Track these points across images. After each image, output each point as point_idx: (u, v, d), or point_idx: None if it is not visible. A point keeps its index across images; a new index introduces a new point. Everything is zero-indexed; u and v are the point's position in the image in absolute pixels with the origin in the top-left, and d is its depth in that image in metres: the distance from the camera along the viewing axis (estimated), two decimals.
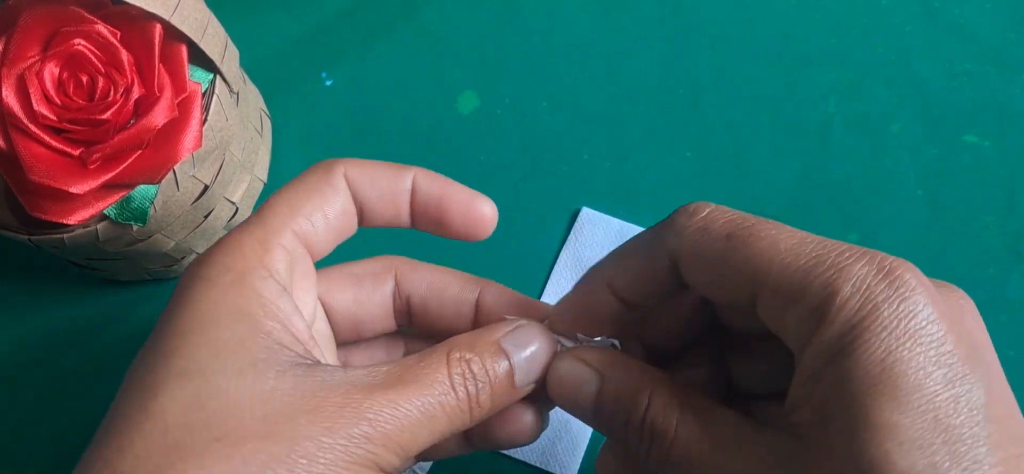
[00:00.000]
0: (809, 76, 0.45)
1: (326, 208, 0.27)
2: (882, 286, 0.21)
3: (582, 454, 0.37)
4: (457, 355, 0.25)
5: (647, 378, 0.26)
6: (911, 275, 0.21)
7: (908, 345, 0.21)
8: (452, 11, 0.48)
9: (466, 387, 0.25)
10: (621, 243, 0.29)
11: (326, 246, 0.28)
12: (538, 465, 0.37)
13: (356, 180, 0.28)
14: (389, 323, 0.31)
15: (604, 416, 0.26)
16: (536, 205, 0.43)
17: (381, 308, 0.30)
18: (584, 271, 0.29)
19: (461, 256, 0.42)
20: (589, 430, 0.38)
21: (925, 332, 0.21)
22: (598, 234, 0.41)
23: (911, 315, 0.21)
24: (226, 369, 0.22)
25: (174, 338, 0.23)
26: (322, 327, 0.29)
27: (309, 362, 0.24)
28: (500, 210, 0.42)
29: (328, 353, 0.29)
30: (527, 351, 0.27)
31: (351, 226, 0.29)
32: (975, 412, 0.21)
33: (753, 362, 0.28)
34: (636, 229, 0.41)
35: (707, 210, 0.25)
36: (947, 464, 0.20)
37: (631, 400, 0.25)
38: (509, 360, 0.26)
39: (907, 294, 0.21)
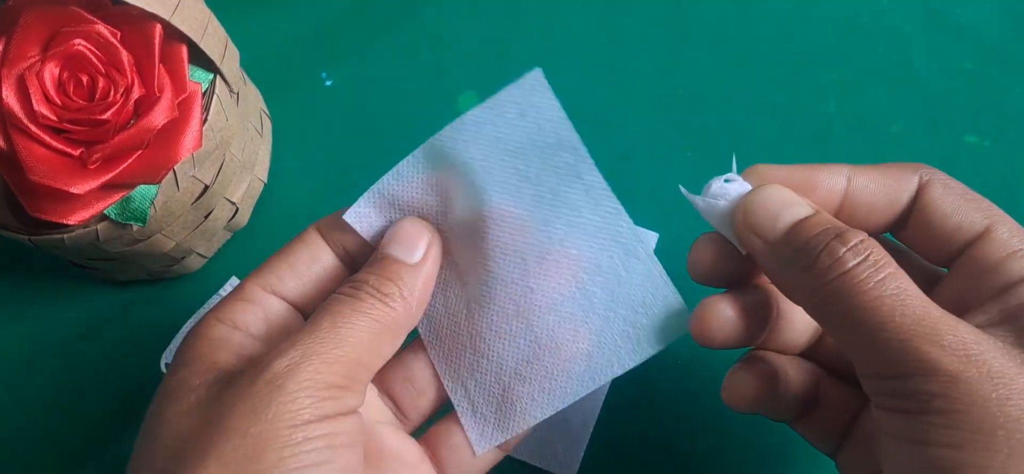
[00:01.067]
0: (809, 76, 0.45)
1: (291, 258, 0.30)
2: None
3: (582, 454, 0.37)
4: (342, 285, 0.28)
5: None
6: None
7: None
8: (452, 11, 0.48)
9: (364, 291, 0.27)
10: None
11: (290, 284, 0.30)
12: (538, 465, 0.37)
13: (326, 227, 0.31)
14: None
15: (801, 235, 0.26)
16: None
17: (332, 271, 0.31)
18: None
19: None
20: (589, 430, 0.38)
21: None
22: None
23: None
24: (168, 403, 0.26)
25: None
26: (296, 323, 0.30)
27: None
28: None
29: None
30: (406, 239, 0.30)
31: (324, 264, 0.31)
32: None
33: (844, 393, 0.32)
34: (637, 229, 0.41)
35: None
36: None
37: (846, 229, 0.25)
38: (389, 253, 0.29)
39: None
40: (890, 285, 0.24)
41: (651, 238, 0.41)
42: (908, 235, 0.29)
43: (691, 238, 0.41)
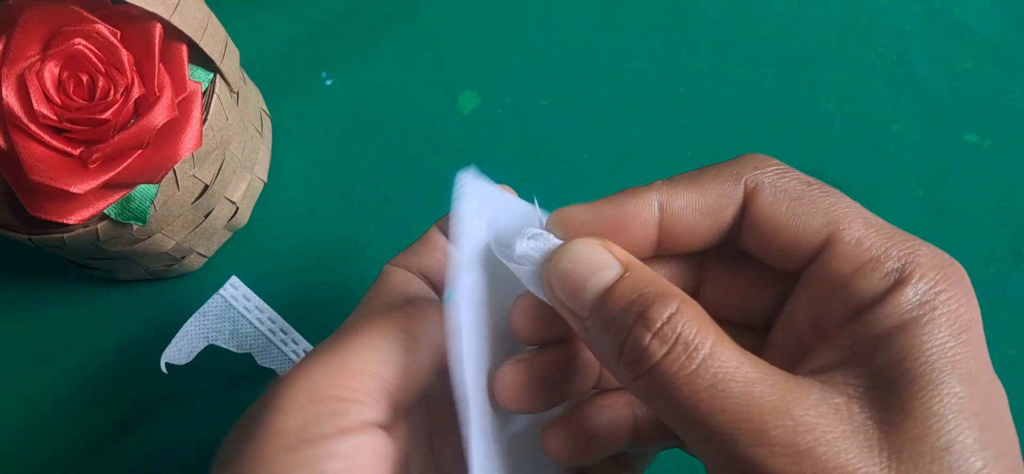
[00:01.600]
0: (809, 76, 0.45)
1: (404, 351, 0.25)
2: (951, 271, 0.22)
3: None
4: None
5: (669, 284, 0.23)
6: (965, 276, 0.23)
7: (975, 331, 0.22)
8: (452, 11, 0.48)
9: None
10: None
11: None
12: None
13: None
14: None
15: (607, 311, 0.22)
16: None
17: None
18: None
19: None
20: None
21: (978, 322, 0.22)
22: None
23: (970, 303, 0.22)
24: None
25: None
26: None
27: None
28: None
29: None
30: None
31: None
32: (1004, 412, 0.22)
33: (732, 289, 0.27)
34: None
35: (777, 161, 0.25)
36: (1000, 455, 0.21)
37: (657, 298, 0.22)
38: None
39: (967, 283, 0.22)
40: (704, 376, 0.21)
41: None
42: (747, 246, 0.25)
43: None
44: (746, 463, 0.20)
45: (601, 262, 0.23)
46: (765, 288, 0.26)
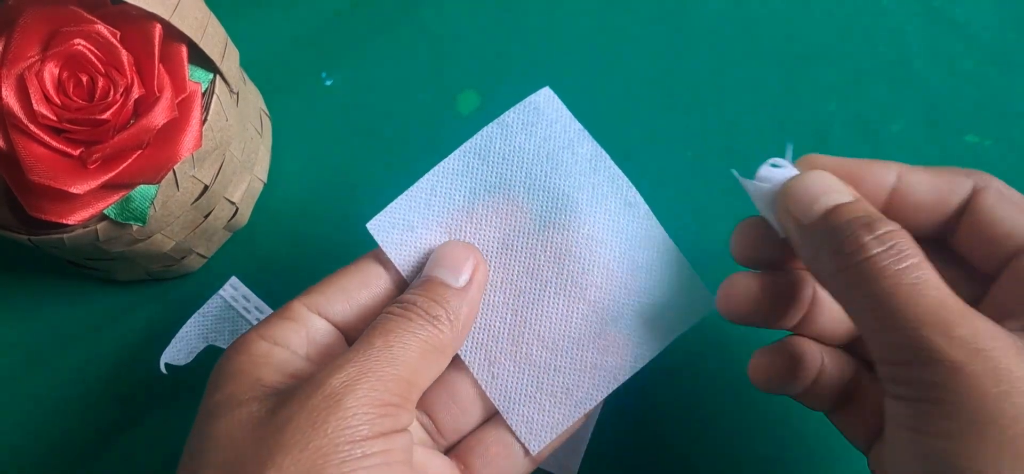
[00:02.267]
0: (809, 76, 0.45)
1: (342, 281, 0.31)
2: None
3: (582, 454, 0.37)
4: (390, 305, 0.29)
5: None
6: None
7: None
8: (452, 11, 0.48)
9: (413, 313, 0.28)
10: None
11: (339, 307, 0.31)
12: (539, 466, 0.37)
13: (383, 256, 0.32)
14: None
15: (834, 220, 0.26)
16: None
17: (381, 298, 0.31)
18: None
19: None
20: (590, 431, 0.38)
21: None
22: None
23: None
24: (217, 418, 0.26)
25: (195, 421, 0.28)
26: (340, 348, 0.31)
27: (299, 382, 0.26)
28: None
29: None
30: (452, 262, 0.31)
31: (378, 285, 0.32)
32: None
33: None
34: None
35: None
36: None
37: (880, 220, 0.26)
38: (436, 276, 0.30)
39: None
40: (910, 275, 0.24)
41: None
42: (959, 241, 0.29)
43: (691, 237, 0.41)
44: (926, 348, 0.23)
45: (835, 187, 0.28)
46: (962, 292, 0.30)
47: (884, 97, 0.45)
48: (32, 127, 0.33)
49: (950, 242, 0.30)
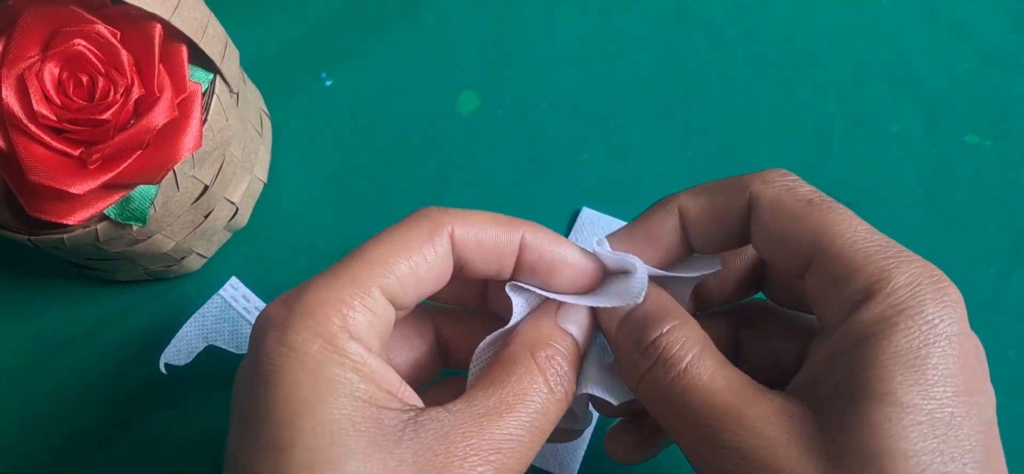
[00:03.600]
0: (809, 76, 0.45)
1: (421, 270, 0.26)
2: (931, 288, 0.23)
3: (582, 454, 0.37)
4: (543, 355, 0.26)
5: (677, 310, 0.27)
6: (955, 291, 0.23)
7: (942, 344, 0.22)
8: (452, 11, 0.48)
9: (560, 383, 0.26)
10: None
11: (411, 300, 0.26)
12: (538, 465, 0.37)
13: (462, 240, 0.27)
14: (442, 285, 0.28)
15: (624, 332, 0.27)
16: (536, 205, 0.43)
17: (440, 276, 0.27)
18: None
19: None
20: (590, 432, 0.38)
21: (958, 339, 0.22)
22: (598, 234, 0.41)
23: (950, 320, 0.22)
24: (352, 454, 0.22)
25: (283, 428, 0.22)
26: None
27: (411, 414, 0.24)
28: (500, 210, 0.42)
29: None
30: (581, 318, 0.28)
31: (444, 281, 0.27)
32: (980, 425, 0.22)
33: (764, 344, 0.30)
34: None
35: (795, 177, 0.27)
36: (947, 463, 0.21)
37: (654, 321, 0.26)
38: (570, 336, 0.28)
39: (950, 303, 0.23)
40: (678, 385, 0.24)
41: None
42: (759, 249, 0.27)
43: None
44: (707, 465, 0.24)
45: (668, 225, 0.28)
46: (791, 342, 0.29)
47: (884, 97, 0.45)
48: (32, 127, 0.33)
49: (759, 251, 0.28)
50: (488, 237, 0.27)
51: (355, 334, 0.24)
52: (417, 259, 0.26)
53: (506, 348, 0.27)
